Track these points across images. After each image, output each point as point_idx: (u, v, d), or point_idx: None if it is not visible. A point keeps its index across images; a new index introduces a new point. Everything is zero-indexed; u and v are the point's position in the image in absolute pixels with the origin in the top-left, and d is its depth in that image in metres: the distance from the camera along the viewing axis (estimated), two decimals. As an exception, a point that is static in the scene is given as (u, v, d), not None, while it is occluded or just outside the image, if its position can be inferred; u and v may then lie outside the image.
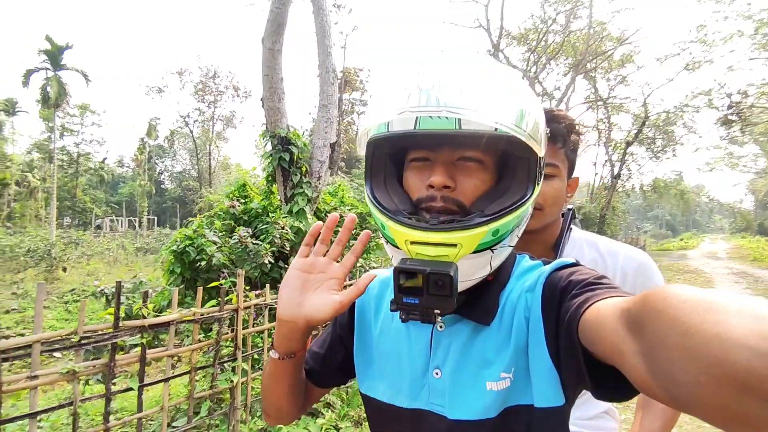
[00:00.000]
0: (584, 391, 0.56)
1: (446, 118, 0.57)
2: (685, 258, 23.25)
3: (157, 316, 2.57)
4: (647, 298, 0.39)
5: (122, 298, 3.70)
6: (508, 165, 0.65)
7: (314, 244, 0.68)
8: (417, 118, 0.59)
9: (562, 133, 1.02)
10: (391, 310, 0.62)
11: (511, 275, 0.69)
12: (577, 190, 1.12)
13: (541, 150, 0.63)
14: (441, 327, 0.68)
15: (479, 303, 0.66)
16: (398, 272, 0.58)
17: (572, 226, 1.11)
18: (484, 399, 0.62)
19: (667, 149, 20.85)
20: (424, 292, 0.57)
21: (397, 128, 0.62)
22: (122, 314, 2.30)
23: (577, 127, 1.06)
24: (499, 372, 0.62)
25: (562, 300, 0.56)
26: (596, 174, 22.00)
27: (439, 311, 0.58)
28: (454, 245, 0.59)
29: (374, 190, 0.68)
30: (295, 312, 0.64)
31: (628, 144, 19.25)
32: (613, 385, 0.48)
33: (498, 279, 0.68)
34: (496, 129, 0.57)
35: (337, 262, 0.69)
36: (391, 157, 0.69)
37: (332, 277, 0.66)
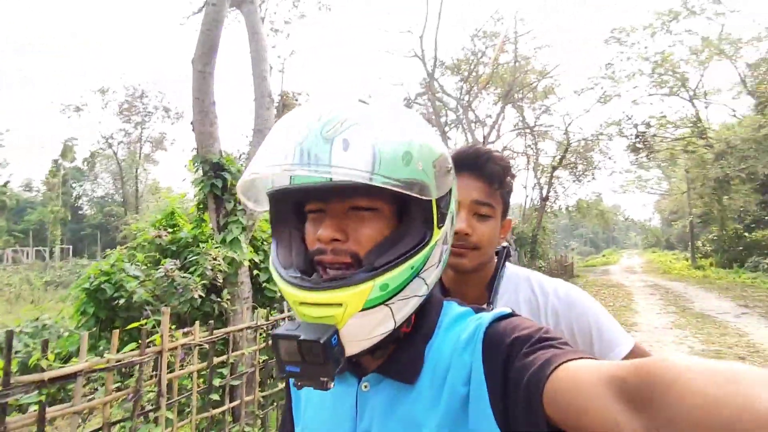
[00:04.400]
0: None
1: (313, 176, 0.54)
2: (607, 273, 25.28)
3: (63, 366, 2.24)
4: (648, 368, 0.35)
5: (20, 345, 3.23)
6: (406, 209, 0.60)
7: None
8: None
9: (499, 175, 1.02)
10: (279, 378, 0.56)
11: (438, 325, 0.64)
12: (510, 211, 1.12)
13: (433, 192, 0.58)
14: (366, 387, 0.62)
15: (400, 359, 0.61)
16: (274, 339, 0.55)
17: (506, 263, 1.11)
18: None
19: (587, 173, 22.88)
20: (302, 360, 0.53)
21: (278, 183, 0.60)
22: (15, 368, 1.98)
23: (512, 170, 1.07)
24: None
25: (511, 358, 0.52)
26: (527, 196, 23.52)
27: (327, 379, 0.53)
28: (339, 305, 0.54)
29: (278, 247, 0.64)
30: None
31: (554, 168, 20.85)
32: None
33: (420, 331, 0.63)
34: (371, 179, 0.52)
35: None
36: (294, 208, 0.65)
37: None
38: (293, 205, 0.65)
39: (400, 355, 0.61)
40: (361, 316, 0.55)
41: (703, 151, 20.96)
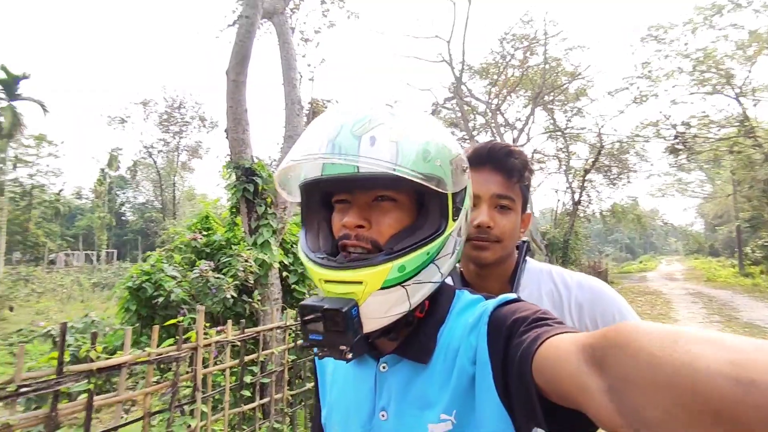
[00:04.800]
0: None
1: (342, 163, 0.61)
2: (645, 280, 24.16)
3: (109, 358, 2.41)
4: (608, 333, 0.39)
5: (71, 340, 3.46)
6: (424, 202, 0.66)
7: None
8: (323, 163, 0.64)
9: (518, 168, 1.04)
10: (302, 346, 0.65)
11: (449, 312, 0.69)
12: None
13: (449, 187, 0.65)
14: (384, 368, 0.68)
15: (415, 341, 0.67)
16: (301, 309, 0.61)
17: (527, 258, 1.11)
18: None
19: (622, 176, 22.00)
20: (324, 329, 0.59)
21: (310, 174, 0.67)
22: (67, 358, 2.15)
23: (530, 165, 1.08)
24: (439, 413, 0.62)
25: (510, 338, 0.57)
26: (558, 200, 22.87)
27: (346, 347, 0.60)
28: (360, 282, 0.60)
29: (307, 234, 0.71)
30: None
31: (586, 172, 20.15)
32: (568, 424, 0.47)
33: (434, 316, 0.69)
34: (394, 170, 0.59)
35: None
36: (323, 200, 0.72)
37: None
38: (322, 197, 0.71)
39: (415, 338, 0.67)
40: (379, 295, 0.60)
41: (751, 151, 19.76)
